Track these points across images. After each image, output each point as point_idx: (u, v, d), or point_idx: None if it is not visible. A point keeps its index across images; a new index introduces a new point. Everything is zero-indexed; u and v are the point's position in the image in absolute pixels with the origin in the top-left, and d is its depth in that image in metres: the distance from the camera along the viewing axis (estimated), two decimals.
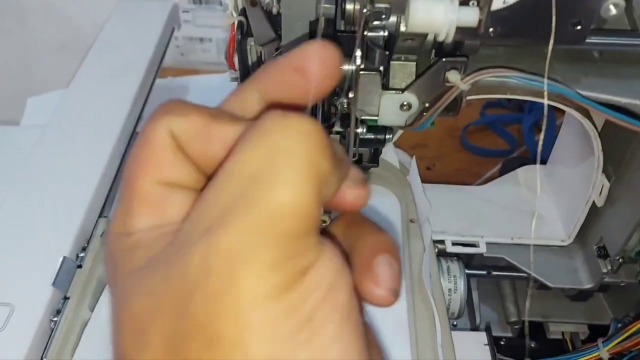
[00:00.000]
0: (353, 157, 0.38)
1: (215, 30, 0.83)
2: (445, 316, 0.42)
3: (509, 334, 0.52)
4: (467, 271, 0.49)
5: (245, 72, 0.39)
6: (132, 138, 0.54)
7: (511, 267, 0.50)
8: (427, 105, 0.34)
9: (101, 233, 0.44)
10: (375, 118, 0.35)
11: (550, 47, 0.30)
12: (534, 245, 0.49)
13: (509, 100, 0.81)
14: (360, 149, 0.39)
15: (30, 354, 0.36)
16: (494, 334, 0.51)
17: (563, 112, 0.40)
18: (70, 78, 0.82)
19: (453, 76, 0.33)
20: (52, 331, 0.38)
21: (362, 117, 0.35)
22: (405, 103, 0.34)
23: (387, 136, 0.37)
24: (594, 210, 0.46)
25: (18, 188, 0.45)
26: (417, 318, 0.42)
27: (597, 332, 0.50)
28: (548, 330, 0.53)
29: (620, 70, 0.37)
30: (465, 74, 0.33)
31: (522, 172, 0.55)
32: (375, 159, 0.41)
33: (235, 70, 0.39)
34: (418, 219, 0.48)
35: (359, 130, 0.36)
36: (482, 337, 0.44)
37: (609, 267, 0.45)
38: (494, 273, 0.51)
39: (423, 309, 0.42)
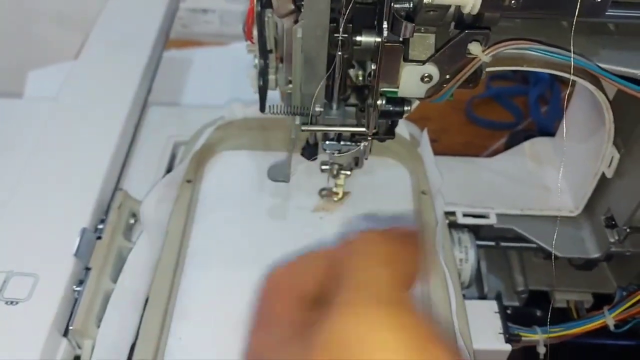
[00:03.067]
0: (373, 130, 0.38)
1: (218, 1, 0.82)
2: (458, 285, 0.43)
3: (516, 303, 0.54)
4: (479, 242, 0.51)
5: (263, 44, 0.39)
6: (143, 109, 0.55)
7: (519, 238, 0.51)
8: (447, 77, 0.35)
9: (118, 205, 0.44)
10: (396, 90, 0.36)
11: (574, 19, 0.30)
12: (542, 216, 0.50)
13: (514, 72, 0.81)
14: (378, 120, 0.40)
15: (56, 322, 0.37)
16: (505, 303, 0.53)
17: (567, 84, 0.41)
18: (70, 50, 0.82)
19: (475, 48, 0.33)
20: (76, 300, 0.38)
21: (382, 89, 0.36)
22: (426, 75, 0.34)
23: (406, 108, 0.38)
24: (602, 182, 0.47)
25: (34, 161, 0.46)
26: (430, 287, 0.43)
27: (601, 301, 0.51)
28: (554, 299, 0.54)
29: (636, 42, 0.37)
30: (486, 46, 0.33)
31: (529, 144, 0.56)
32: (391, 131, 0.41)
33: (253, 42, 0.39)
34: (430, 190, 0.49)
35: (379, 102, 0.37)
36: (492, 305, 0.45)
37: (617, 237, 0.46)
38: (502, 244, 0.52)
39: (436, 278, 0.43)
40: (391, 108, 0.37)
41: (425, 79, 0.34)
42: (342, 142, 0.43)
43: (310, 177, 0.50)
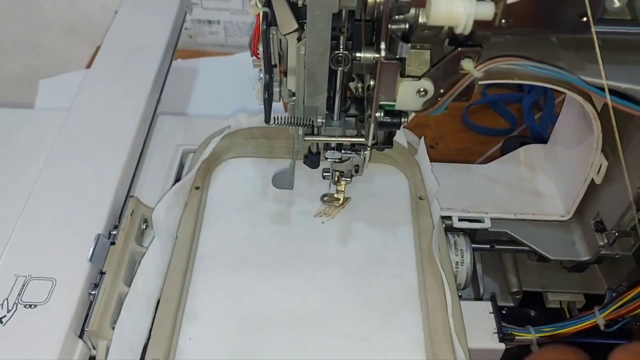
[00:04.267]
0: (372, 140, 0.40)
1: (223, 12, 0.84)
2: (454, 286, 0.45)
3: (511, 304, 0.56)
4: (475, 245, 0.53)
5: (268, 60, 0.41)
6: (153, 118, 0.57)
7: (512, 241, 0.53)
8: (442, 91, 0.37)
9: (130, 212, 0.46)
10: (393, 103, 0.38)
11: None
12: (535, 220, 0.52)
13: None
14: (381, 131, 0.42)
15: (73, 324, 0.39)
16: (499, 304, 0.55)
17: (560, 92, 0.43)
18: (78, 60, 0.84)
19: (467, 64, 0.35)
20: (92, 304, 0.41)
21: (381, 102, 0.38)
22: (422, 89, 0.37)
23: (403, 119, 0.40)
24: (592, 188, 0.49)
25: (49, 170, 0.48)
26: (427, 289, 0.45)
27: (593, 301, 0.53)
28: (547, 300, 0.57)
29: (621, 57, 0.39)
30: (478, 62, 0.36)
31: (522, 151, 0.58)
32: (389, 140, 0.44)
33: (259, 58, 0.41)
34: (427, 196, 0.51)
35: (378, 114, 0.39)
36: (487, 306, 0.47)
37: (606, 241, 0.48)
38: (497, 247, 0.54)
39: (433, 280, 0.45)
40: (389, 120, 0.40)
41: (421, 93, 0.37)
42: (342, 151, 0.46)
43: (312, 184, 0.52)
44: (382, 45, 0.33)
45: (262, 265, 0.46)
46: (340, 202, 0.51)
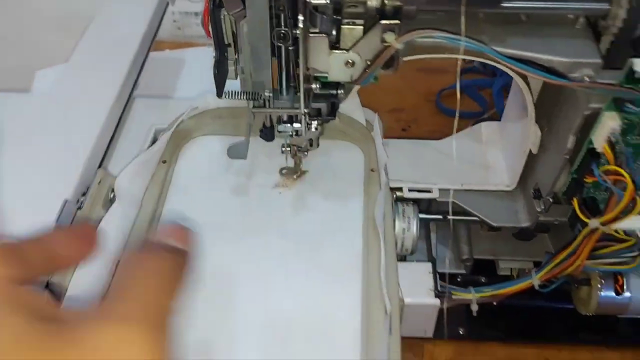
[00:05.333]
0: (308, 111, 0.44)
1: None
2: (392, 248, 0.49)
3: (463, 271, 0.59)
4: (425, 216, 0.56)
5: (220, 39, 0.45)
6: (128, 101, 0.61)
7: (465, 212, 0.56)
8: (368, 62, 0.40)
9: (98, 181, 0.50)
10: (326, 75, 0.41)
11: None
12: (481, 190, 0.55)
13: (484, 65, 0.86)
14: (318, 103, 0.45)
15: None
16: (451, 271, 0.58)
17: None
18: (71, 51, 0.88)
19: (389, 37, 0.39)
20: None
21: (315, 75, 0.42)
22: (349, 61, 0.40)
23: (339, 91, 0.44)
24: (531, 158, 0.52)
25: (31, 144, 0.52)
26: (369, 250, 0.48)
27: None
28: (498, 267, 0.60)
29: (542, 31, 0.43)
30: (399, 35, 0.39)
31: (477, 127, 0.61)
32: (333, 112, 0.47)
33: (210, 37, 0.45)
34: (377, 168, 0.55)
35: (314, 86, 0.43)
36: (428, 267, 0.51)
37: (542, 207, 0.51)
38: (449, 217, 0.57)
39: (375, 244, 0.49)
40: (326, 91, 0.43)
41: (349, 65, 0.40)
42: (294, 125, 0.49)
43: (271, 158, 0.56)
44: (300, 17, 0.36)
45: (221, 233, 0.50)
46: (297, 174, 0.55)
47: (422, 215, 0.55)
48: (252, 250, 0.49)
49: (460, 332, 0.57)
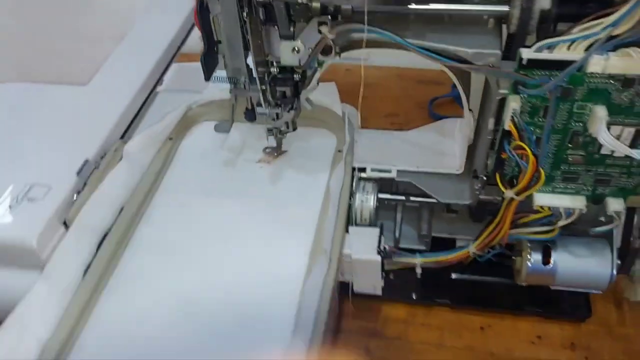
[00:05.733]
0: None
1: None
2: (344, 210, 0.58)
3: (423, 247, 0.67)
4: (389, 196, 0.65)
5: (208, 35, 0.56)
6: (150, 94, 0.74)
7: (422, 194, 0.64)
8: (310, 50, 0.51)
9: (115, 148, 0.63)
10: (279, 60, 0.52)
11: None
12: (434, 173, 0.63)
13: None
14: (281, 87, 0.56)
15: (58, 213, 0.56)
16: (411, 246, 0.66)
17: None
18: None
19: (324, 29, 0.49)
20: (73, 203, 0.57)
21: (271, 60, 0.52)
22: (295, 48, 0.51)
23: (295, 75, 0.54)
24: (474, 145, 0.60)
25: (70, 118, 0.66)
26: (324, 212, 0.58)
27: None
28: (456, 245, 0.67)
29: (459, 28, 0.51)
30: (332, 28, 0.49)
31: (441, 123, 0.70)
32: (297, 94, 0.57)
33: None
34: (344, 150, 0.64)
35: (273, 69, 0.53)
36: (376, 231, 0.59)
37: (479, 185, 0.59)
38: (412, 198, 0.66)
39: (330, 209, 0.58)
40: (283, 75, 0.54)
41: (295, 51, 0.51)
42: (269, 108, 0.60)
43: (259, 139, 0.67)
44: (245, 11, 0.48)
45: (211, 194, 0.61)
46: (278, 153, 0.65)
47: (385, 195, 0.64)
48: (232, 207, 0.60)
49: (413, 297, 0.64)
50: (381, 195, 0.65)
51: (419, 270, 0.60)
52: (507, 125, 0.50)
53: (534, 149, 0.50)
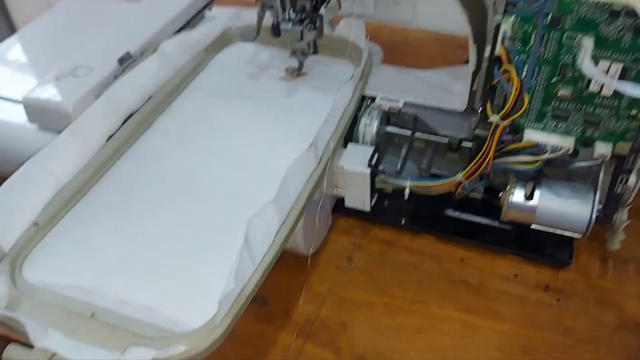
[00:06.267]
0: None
1: None
2: (343, 127, 0.62)
3: None
4: (397, 129, 0.69)
5: None
6: (197, 15, 0.81)
7: (426, 130, 0.68)
8: None
9: (154, 48, 0.70)
10: None
11: None
12: (439, 108, 0.66)
13: None
14: (304, 1, 0.61)
15: (94, 90, 0.64)
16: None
17: None
18: None
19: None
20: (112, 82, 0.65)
21: None
22: None
23: None
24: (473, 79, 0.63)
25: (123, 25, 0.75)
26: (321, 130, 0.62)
27: (492, 190, 0.65)
28: None
29: None
30: None
31: (458, 67, 0.72)
32: (316, 9, 0.62)
33: None
34: (356, 73, 0.68)
35: None
36: (370, 149, 0.63)
37: (474, 119, 0.61)
38: (417, 134, 0.69)
39: (330, 121, 0.62)
40: None
41: None
42: (292, 25, 0.65)
43: (284, 62, 0.72)
44: None
45: (226, 100, 0.68)
46: (297, 73, 0.71)
47: (392, 128, 0.68)
48: (245, 110, 0.66)
49: (402, 222, 0.68)
50: (389, 129, 0.69)
51: (407, 192, 0.64)
52: (498, 48, 0.53)
53: (519, 72, 0.52)
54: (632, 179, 0.58)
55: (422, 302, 0.60)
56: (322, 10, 0.64)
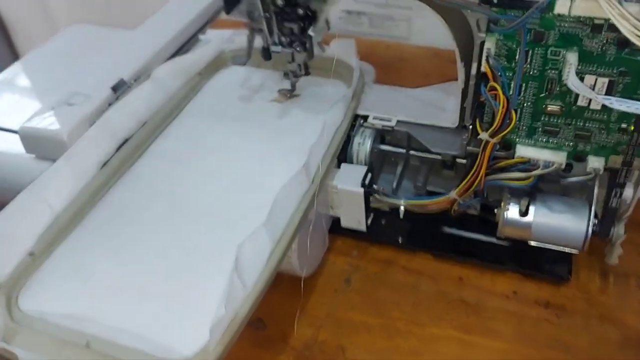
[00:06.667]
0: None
1: None
2: (336, 146, 0.62)
3: None
4: (391, 147, 0.69)
5: None
6: (190, 39, 0.82)
7: (419, 148, 0.68)
8: None
9: (148, 74, 0.71)
10: None
11: None
12: (432, 125, 0.66)
13: None
14: (286, 22, 0.62)
15: (88, 117, 0.64)
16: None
17: None
18: None
19: None
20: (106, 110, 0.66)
21: None
22: None
23: (300, 10, 0.60)
24: (463, 96, 0.63)
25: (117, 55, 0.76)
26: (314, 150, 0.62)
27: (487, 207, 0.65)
28: None
29: None
30: None
31: (448, 84, 0.72)
32: (304, 31, 0.63)
33: None
34: (349, 92, 0.68)
35: (278, 1, 0.59)
36: (364, 168, 0.63)
37: (466, 135, 0.61)
38: (411, 152, 0.69)
39: (323, 140, 0.63)
40: (287, 9, 0.60)
41: None
42: (282, 48, 0.66)
43: (277, 83, 0.73)
44: None
45: (224, 119, 0.68)
46: (290, 95, 0.71)
47: (387, 147, 0.69)
48: (238, 131, 0.67)
49: (399, 241, 0.68)
50: (383, 147, 0.69)
51: (402, 210, 0.64)
52: (483, 66, 0.53)
53: (505, 90, 0.52)
54: (627, 192, 0.57)
55: (419, 323, 0.59)
56: (311, 31, 0.64)
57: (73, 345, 0.48)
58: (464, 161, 0.65)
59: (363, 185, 0.61)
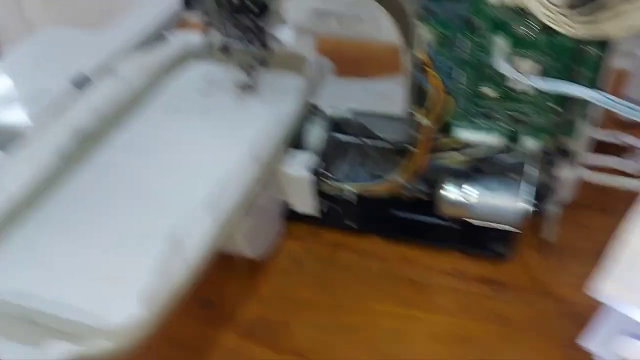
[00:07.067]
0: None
1: None
2: (286, 132, 0.65)
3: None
4: (343, 136, 0.71)
5: None
6: (156, 36, 0.85)
7: (371, 136, 0.70)
8: None
9: (110, 69, 0.74)
10: None
11: None
12: (382, 114, 0.69)
13: None
14: (239, 15, 0.64)
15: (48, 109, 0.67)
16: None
17: None
18: None
19: None
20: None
21: None
22: None
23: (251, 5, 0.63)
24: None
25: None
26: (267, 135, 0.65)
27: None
28: None
29: None
30: None
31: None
32: (258, 26, 0.66)
33: None
34: (300, 85, 0.71)
35: None
36: (312, 154, 0.66)
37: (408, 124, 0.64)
38: (363, 139, 0.72)
39: (272, 129, 0.65)
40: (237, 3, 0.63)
41: None
42: (239, 43, 0.69)
43: (237, 76, 0.76)
44: None
45: (175, 113, 0.71)
46: (246, 87, 0.74)
47: (338, 135, 0.71)
48: (193, 121, 0.70)
49: (351, 226, 0.70)
50: (337, 135, 0.72)
51: (347, 194, 0.66)
52: (419, 53, 0.56)
53: (441, 75, 0.55)
54: (562, 172, 0.60)
55: (364, 301, 0.62)
56: (264, 25, 0.67)
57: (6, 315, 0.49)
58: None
59: (310, 170, 0.64)
